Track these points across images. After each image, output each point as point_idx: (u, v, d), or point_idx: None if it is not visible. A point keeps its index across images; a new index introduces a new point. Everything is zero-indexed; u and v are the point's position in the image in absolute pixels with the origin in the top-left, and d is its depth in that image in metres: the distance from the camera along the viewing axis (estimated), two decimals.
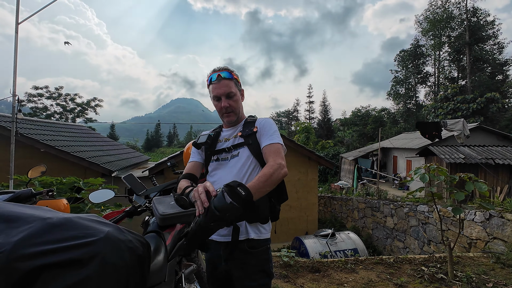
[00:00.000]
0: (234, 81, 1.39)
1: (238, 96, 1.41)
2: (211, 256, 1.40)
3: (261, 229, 1.32)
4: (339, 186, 16.20)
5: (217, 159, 1.40)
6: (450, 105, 23.09)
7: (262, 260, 1.30)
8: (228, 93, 1.35)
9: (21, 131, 6.77)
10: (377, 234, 8.42)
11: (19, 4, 3.44)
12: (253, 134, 1.35)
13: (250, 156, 1.33)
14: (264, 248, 1.31)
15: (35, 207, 0.70)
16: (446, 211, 5.46)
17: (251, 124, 1.40)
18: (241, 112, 1.46)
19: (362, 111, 37.49)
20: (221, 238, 1.32)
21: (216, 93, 1.36)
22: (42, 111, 28.20)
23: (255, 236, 1.29)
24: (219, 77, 1.35)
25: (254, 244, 1.28)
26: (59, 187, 3.25)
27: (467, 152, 9.97)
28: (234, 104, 1.38)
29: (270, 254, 1.35)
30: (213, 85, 1.37)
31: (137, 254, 0.69)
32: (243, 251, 1.27)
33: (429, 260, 3.24)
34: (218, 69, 1.39)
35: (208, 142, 1.42)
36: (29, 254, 0.53)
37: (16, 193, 1.41)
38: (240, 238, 1.26)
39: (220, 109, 1.38)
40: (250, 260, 1.28)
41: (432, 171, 2.88)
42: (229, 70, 1.40)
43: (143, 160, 12.09)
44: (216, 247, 1.34)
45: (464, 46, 27.37)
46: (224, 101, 1.35)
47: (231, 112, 1.39)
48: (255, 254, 1.28)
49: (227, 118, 1.41)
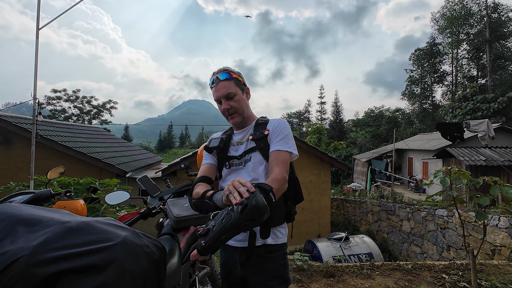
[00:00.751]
0: (234, 80, 1.32)
1: (240, 96, 1.33)
2: (226, 260, 1.36)
3: (278, 234, 1.28)
4: (352, 188, 15.89)
5: (230, 166, 1.36)
6: (469, 105, 22.21)
7: (279, 266, 1.27)
8: (227, 94, 1.29)
9: (41, 133, 7.04)
10: (392, 238, 8.18)
11: (39, 11, 3.58)
12: (265, 138, 1.29)
13: (263, 161, 1.28)
14: (281, 253, 1.28)
15: (54, 210, 0.70)
16: (467, 216, 5.22)
17: (262, 126, 1.34)
18: (247, 112, 1.38)
19: (375, 111, 36.70)
20: (237, 243, 1.29)
21: (216, 96, 1.32)
22: (60, 113, 29.31)
23: (272, 241, 1.25)
24: (217, 80, 1.30)
25: (270, 249, 1.25)
26: (76, 188, 3.33)
27: (488, 154, 9.53)
28: (236, 104, 1.31)
29: (287, 259, 1.32)
30: (213, 89, 1.33)
31: (153, 259, 0.68)
32: (260, 256, 1.24)
33: (450, 267, 3.10)
34: (216, 72, 1.33)
35: (221, 146, 1.37)
36: (48, 259, 0.53)
37: (37, 193, 1.44)
38: (256, 243, 1.22)
39: (223, 111, 1.33)
40: (267, 266, 1.24)
41: (453, 174, 2.75)
42: (228, 70, 1.33)
43: (156, 161, 12.31)
44: (232, 252, 1.32)
45: (484, 43, 26.29)
46: (224, 103, 1.30)
47: (234, 113, 1.32)
48: (272, 259, 1.25)
49: (231, 120, 1.35)
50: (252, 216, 0.81)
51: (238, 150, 1.35)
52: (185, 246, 1.37)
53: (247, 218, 0.80)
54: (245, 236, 1.24)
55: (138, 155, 11.41)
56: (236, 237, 1.25)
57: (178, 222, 1.35)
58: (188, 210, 1.41)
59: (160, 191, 1.68)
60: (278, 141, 1.25)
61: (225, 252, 1.37)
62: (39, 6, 3.56)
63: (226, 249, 1.35)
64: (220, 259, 1.41)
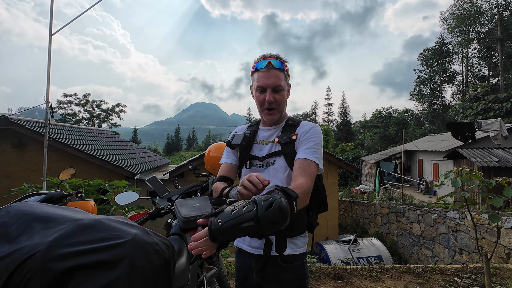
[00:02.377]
0: (285, 73, 1.20)
1: (286, 92, 1.22)
2: (242, 265, 1.28)
3: (298, 243, 1.19)
4: (360, 190, 15.68)
5: (251, 166, 1.26)
6: (480, 105, 21.69)
7: (298, 275, 1.18)
8: (276, 86, 1.16)
9: (53, 136, 7.22)
10: (402, 241, 8.02)
11: (52, 17, 3.70)
12: (292, 142, 1.17)
13: (287, 167, 1.17)
14: (300, 263, 1.18)
15: (67, 208, 0.72)
16: (479, 218, 5.09)
17: (291, 129, 1.22)
18: (285, 111, 1.27)
19: (383, 112, 36.22)
20: (253, 250, 1.20)
21: (262, 83, 1.16)
22: (71, 117, 30.01)
23: (290, 252, 1.15)
24: (269, 65, 1.15)
25: (288, 259, 1.16)
26: (86, 189, 3.40)
27: (501, 155, 9.27)
28: (281, 99, 1.19)
29: (306, 269, 1.23)
30: (259, 73, 1.17)
31: (163, 256, 0.69)
32: (277, 265, 1.15)
33: (462, 270, 3.02)
34: (268, 56, 1.20)
35: (243, 144, 1.25)
36: (62, 255, 0.54)
37: (49, 194, 1.48)
38: (272, 253, 1.12)
39: (263, 102, 1.18)
40: (285, 275, 1.16)
41: (465, 175, 2.69)
42: (282, 59, 1.20)
43: (163, 163, 12.45)
44: (248, 258, 1.23)
45: (495, 42, 25.70)
46: (269, 94, 1.15)
47: (275, 109, 1.20)
48: (290, 268, 1.16)
49: (268, 116, 1.21)
50: (276, 216, 0.73)
51: (262, 150, 1.25)
52: None
53: (271, 217, 0.73)
54: (260, 244, 1.16)
55: (146, 158, 11.56)
56: (252, 243, 1.20)
57: (186, 222, 1.36)
58: (196, 210, 1.42)
59: (168, 192, 1.70)
60: (307, 148, 1.13)
61: (241, 257, 1.29)
62: (51, 13, 3.68)
63: (242, 254, 1.28)
64: (236, 264, 1.34)
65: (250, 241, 1.22)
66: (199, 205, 1.48)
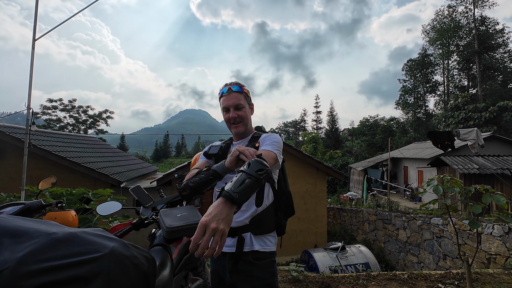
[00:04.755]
0: (244, 94, 1.44)
1: (247, 109, 1.46)
2: (216, 267, 1.39)
3: (267, 241, 1.32)
4: (349, 197, 15.87)
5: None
6: (461, 114, 22.64)
7: (268, 274, 1.29)
8: (236, 105, 1.40)
9: (35, 143, 6.96)
10: (389, 247, 8.13)
11: (36, 22, 3.62)
12: (256, 149, 1.35)
13: None
14: (269, 260, 1.30)
15: (41, 221, 0.70)
16: (462, 224, 5.24)
17: (255, 140, 1.43)
18: (250, 125, 1.49)
19: (370, 120, 37.11)
20: (226, 248, 1.31)
21: (225, 104, 1.41)
22: (55, 123, 29.09)
23: (260, 248, 1.28)
24: (230, 90, 1.41)
25: (259, 256, 1.28)
26: (68, 198, 3.28)
27: (481, 162, 9.66)
28: (243, 114, 1.42)
29: (275, 268, 1.34)
30: (223, 98, 1.42)
31: (142, 270, 0.67)
32: (248, 262, 1.27)
33: (446, 276, 3.09)
34: (229, 84, 1.45)
35: (219, 153, 1.44)
36: (33, 271, 0.52)
37: (27, 204, 1.42)
38: (244, 249, 1.26)
39: (228, 119, 1.42)
40: (256, 273, 1.27)
41: (446, 183, 2.78)
42: (240, 84, 1.45)
43: (151, 171, 12.20)
44: (221, 258, 1.34)
45: (473, 54, 27.08)
46: (232, 112, 1.40)
47: (240, 123, 1.42)
48: (260, 266, 1.27)
49: (235, 128, 1.43)
50: (259, 166, 0.91)
51: None
52: (177, 257, 1.35)
53: (257, 168, 0.90)
54: (233, 242, 1.28)
55: (133, 165, 11.31)
56: (226, 243, 1.30)
57: (170, 232, 1.33)
58: (181, 220, 1.39)
59: (153, 201, 1.66)
60: (267, 144, 1.31)
61: (214, 259, 1.40)
62: (36, 18, 3.60)
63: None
64: (210, 267, 1.43)
65: None
66: (184, 215, 1.45)
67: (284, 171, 1.48)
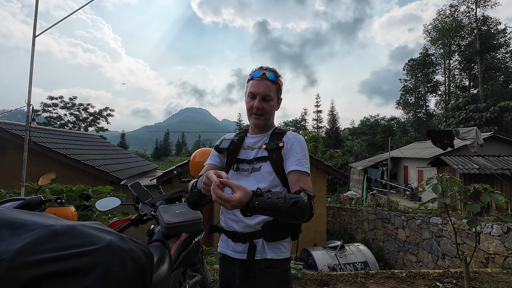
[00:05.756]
0: (277, 86, 1.29)
1: (274, 103, 1.30)
2: (225, 271, 1.30)
3: (281, 248, 1.21)
4: (348, 196, 15.87)
5: (237, 169, 1.29)
6: (462, 114, 22.61)
7: (281, 281, 1.19)
8: (265, 95, 1.24)
9: (35, 140, 6.97)
10: (388, 246, 8.14)
11: (36, 18, 3.62)
12: (279, 149, 1.23)
13: (272, 172, 1.22)
14: (283, 268, 1.20)
15: (40, 214, 0.70)
16: (461, 224, 5.25)
17: (278, 137, 1.28)
18: (272, 120, 1.34)
19: (371, 120, 37.09)
20: (237, 254, 1.22)
21: (253, 90, 1.24)
22: (56, 120, 29.10)
23: (274, 256, 1.18)
24: (263, 76, 1.25)
25: (272, 264, 1.17)
26: (68, 195, 3.29)
27: (482, 162, 9.66)
28: (268, 108, 1.26)
29: (290, 275, 1.24)
30: (253, 81, 1.26)
31: (139, 264, 0.67)
32: (260, 270, 1.17)
33: (444, 275, 3.09)
34: (265, 68, 1.30)
35: (231, 148, 1.31)
36: (30, 262, 0.53)
37: (26, 200, 1.42)
38: (256, 257, 1.17)
39: (251, 108, 1.26)
40: (268, 280, 1.17)
41: (445, 182, 2.78)
42: (276, 73, 1.29)
43: (151, 169, 12.22)
44: (231, 263, 1.25)
45: (475, 54, 27.02)
46: (258, 101, 1.23)
47: (261, 116, 1.26)
48: (273, 274, 1.18)
49: (255, 120, 1.27)
50: (296, 213, 0.93)
51: (248, 155, 1.30)
52: (176, 253, 1.35)
53: (292, 213, 0.92)
54: (244, 248, 1.20)
55: (134, 163, 11.32)
56: (236, 248, 1.23)
57: (169, 228, 1.34)
58: (180, 216, 1.40)
59: (152, 197, 1.67)
60: (297, 159, 1.19)
61: (224, 263, 1.30)
62: (36, 15, 3.59)
63: (225, 260, 1.29)
64: (220, 270, 1.35)
65: (234, 246, 1.24)
66: (182, 211, 1.46)
67: None
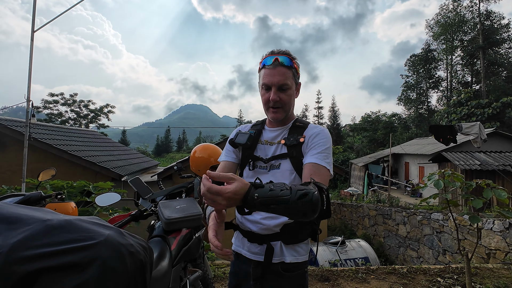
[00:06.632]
0: (293, 70, 1.12)
1: (293, 91, 1.14)
2: (238, 271, 1.22)
3: (300, 250, 1.12)
4: (349, 192, 15.89)
5: (254, 167, 1.19)
6: (464, 110, 22.49)
7: (297, 286, 1.12)
8: (282, 85, 1.08)
9: (35, 136, 6.98)
10: (389, 242, 8.16)
11: (35, 14, 3.58)
12: (299, 145, 1.11)
13: (293, 171, 1.11)
14: (301, 272, 1.12)
15: (37, 208, 0.69)
16: (462, 220, 5.24)
17: (299, 131, 1.15)
18: (292, 111, 1.19)
19: (372, 116, 36.96)
20: (252, 255, 1.14)
21: (267, 80, 1.09)
22: (57, 117, 29.15)
23: (292, 260, 1.09)
24: (276, 62, 1.08)
25: (289, 267, 1.10)
26: (69, 191, 3.30)
27: (483, 159, 9.62)
28: (286, 98, 1.11)
29: (306, 279, 1.16)
30: (265, 70, 1.11)
31: (138, 259, 0.66)
32: (276, 273, 1.10)
33: (445, 270, 3.09)
34: (277, 52, 1.12)
35: (248, 143, 1.19)
36: (26, 257, 0.52)
37: (26, 195, 1.42)
38: (273, 260, 1.09)
39: (267, 101, 1.12)
40: (284, 284, 1.10)
41: (447, 177, 2.76)
42: (290, 56, 1.12)
43: (152, 165, 12.24)
44: (245, 262, 1.17)
45: (477, 50, 26.77)
46: (274, 93, 1.09)
47: (280, 108, 1.12)
48: (290, 278, 1.10)
49: (273, 114, 1.14)
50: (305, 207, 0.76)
51: (266, 151, 1.18)
52: (176, 248, 1.35)
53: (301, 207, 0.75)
54: (261, 250, 1.12)
55: (135, 159, 11.34)
56: (252, 249, 1.15)
57: (169, 224, 1.33)
58: (180, 212, 1.39)
59: (152, 193, 1.66)
60: (317, 153, 1.06)
61: (238, 262, 1.22)
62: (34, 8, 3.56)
63: (239, 258, 1.21)
64: (231, 268, 1.29)
65: (249, 246, 1.16)
66: (183, 207, 1.45)
67: None
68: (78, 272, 0.54)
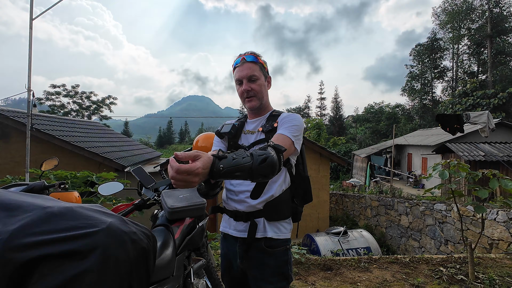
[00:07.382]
0: (259, 65, 1.29)
1: (262, 81, 1.30)
2: (227, 252, 1.35)
3: (281, 228, 1.24)
4: (351, 183, 15.92)
5: None
6: (469, 101, 22.17)
7: (281, 262, 1.23)
8: (250, 76, 1.25)
9: (38, 127, 7.00)
10: (391, 232, 8.21)
11: (33, 1, 3.52)
12: (274, 130, 1.24)
13: None
14: (283, 248, 1.24)
15: (38, 196, 0.67)
16: (465, 210, 5.23)
17: (274, 119, 1.30)
18: (266, 100, 1.34)
19: (375, 107, 36.61)
20: (238, 233, 1.26)
21: (238, 76, 1.27)
22: (59, 108, 29.18)
23: (274, 235, 1.21)
24: (243, 61, 1.27)
25: (272, 244, 1.21)
26: (73, 181, 3.31)
27: (488, 149, 9.53)
28: (257, 87, 1.27)
29: (290, 256, 1.27)
30: (236, 69, 1.29)
31: (141, 246, 0.65)
32: (260, 249, 1.21)
33: (447, 260, 3.10)
34: (243, 53, 1.31)
35: (232, 132, 1.33)
36: (26, 244, 0.50)
37: (30, 185, 1.41)
38: (257, 235, 1.20)
39: (242, 93, 1.28)
40: (268, 261, 1.21)
41: (452, 167, 2.73)
42: (255, 54, 1.30)
43: (155, 156, 12.29)
44: (232, 243, 1.29)
45: (485, 38, 26.13)
46: (245, 84, 1.26)
47: (253, 97, 1.28)
48: (273, 254, 1.21)
49: (248, 103, 1.29)
50: (266, 170, 0.87)
51: (248, 139, 1.32)
52: (180, 237, 1.35)
53: (262, 171, 0.86)
54: (245, 227, 1.23)
55: (137, 150, 11.38)
56: (237, 227, 1.25)
57: (172, 213, 1.33)
58: (183, 201, 1.38)
59: (155, 182, 1.66)
60: (285, 128, 1.20)
61: (225, 243, 1.34)
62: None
63: (227, 239, 1.33)
64: (221, 250, 1.39)
65: (236, 225, 1.27)
66: (186, 196, 1.44)
67: (303, 155, 1.37)
68: (79, 259, 0.53)
